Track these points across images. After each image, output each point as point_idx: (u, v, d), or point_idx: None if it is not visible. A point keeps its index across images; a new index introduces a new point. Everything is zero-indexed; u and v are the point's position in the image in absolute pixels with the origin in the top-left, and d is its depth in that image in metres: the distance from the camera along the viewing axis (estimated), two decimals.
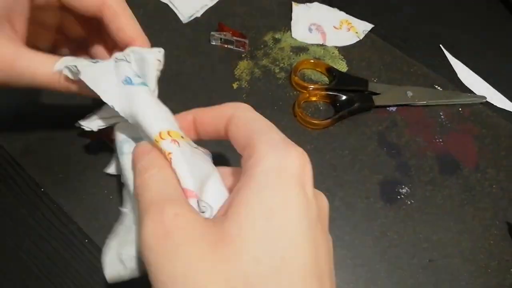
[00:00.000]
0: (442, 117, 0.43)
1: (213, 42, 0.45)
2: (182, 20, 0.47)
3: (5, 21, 0.26)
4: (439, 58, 0.48)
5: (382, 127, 0.42)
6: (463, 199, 0.39)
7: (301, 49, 0.46)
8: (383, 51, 0.47)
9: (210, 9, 0.48)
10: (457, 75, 0.47)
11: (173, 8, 0.47)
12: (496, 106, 0.45)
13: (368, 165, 0.40)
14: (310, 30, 0.47)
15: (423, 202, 0.38)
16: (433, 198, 0.38)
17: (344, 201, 0.37)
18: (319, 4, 0.50)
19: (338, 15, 0.49)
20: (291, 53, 0.46)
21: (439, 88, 0.45)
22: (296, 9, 0.49)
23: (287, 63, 0.45)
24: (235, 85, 0.43)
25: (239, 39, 0.44)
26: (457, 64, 0.47)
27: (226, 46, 0.45)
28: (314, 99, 0.43)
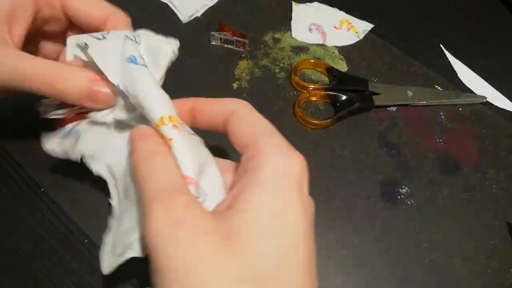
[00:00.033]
0: (442, 117, 0.43)
1: (213, 42, 0.45)
2: (182, 20, 0.47)
3: (3, 22, 0.26)
4: (439, 58, 0.48)
5: (382, 127, 0.42)
6: (463, 199, 0.39)
7: (301, 49, 0.46)
8: (383, 51, 0.47)
9: (210, 9, 0.48)
10: (457, 75, 0.47)
11: (173, 8, 0.47)
12: (496, 106, 0.45)
13: (368, 165, 0.40)
14: (310, 30, 0.47)
15: (423, 202, 0.38)
16: (433, 198, 0.38)
17: (344, 201, 0.37)
18: (319, 4, 0.50)
19: (338, 15, 0.49)
20: (291, 53, 0.46)
21: (439, 88, 0.45)
22: (296, 9, 0.49)
23: (287, 63, 0.45)
24: (235, 85, 0.43)
25: (239, 39, 0.44)
26: (457, 64, 0.47)
27: (226, 46, 0.45)
28: (314, 99, 0.43)
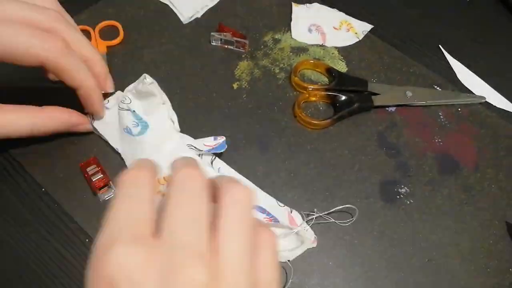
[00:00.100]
0: (442, 117, 0.43)
1: (213, 43, 0.45)
2: (182, 21, 0.47)
3: None
4: (438, 59, 0.48)
5: (382, 127, 0.42)
6: (463, 199, 0.39)
7: (301, 49, 0.46)
8: (383, 51, 0.47)
9: (210, 9, 0.48)
10: (456, 75, 0.47)
11: (173, 9, 0.48)
12: (495, 106, 0.45)
13: (367, 165, 0.40)
14: (310, 30, 0.48)
15: (422, 202, 0.38)
16: (432, 198, 0.39)
17: (344, 201, 0.37)
18: (319, 4, 0.50)
19: (337, 15, 0.49)
20: (291, 53, 0.46)
21: (438, 88, 0.45)
22: (296, 9, 0.49)
23: (287, 64, 0.45)
24: (235, 86, 0.43)
25: (239, 39, 0.44)
26: (456, 64, 0.48)
27: (226, 46, 0.45)
28: (314, 99, 0.43)
